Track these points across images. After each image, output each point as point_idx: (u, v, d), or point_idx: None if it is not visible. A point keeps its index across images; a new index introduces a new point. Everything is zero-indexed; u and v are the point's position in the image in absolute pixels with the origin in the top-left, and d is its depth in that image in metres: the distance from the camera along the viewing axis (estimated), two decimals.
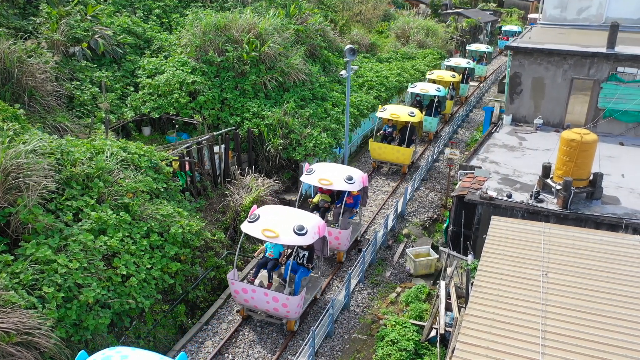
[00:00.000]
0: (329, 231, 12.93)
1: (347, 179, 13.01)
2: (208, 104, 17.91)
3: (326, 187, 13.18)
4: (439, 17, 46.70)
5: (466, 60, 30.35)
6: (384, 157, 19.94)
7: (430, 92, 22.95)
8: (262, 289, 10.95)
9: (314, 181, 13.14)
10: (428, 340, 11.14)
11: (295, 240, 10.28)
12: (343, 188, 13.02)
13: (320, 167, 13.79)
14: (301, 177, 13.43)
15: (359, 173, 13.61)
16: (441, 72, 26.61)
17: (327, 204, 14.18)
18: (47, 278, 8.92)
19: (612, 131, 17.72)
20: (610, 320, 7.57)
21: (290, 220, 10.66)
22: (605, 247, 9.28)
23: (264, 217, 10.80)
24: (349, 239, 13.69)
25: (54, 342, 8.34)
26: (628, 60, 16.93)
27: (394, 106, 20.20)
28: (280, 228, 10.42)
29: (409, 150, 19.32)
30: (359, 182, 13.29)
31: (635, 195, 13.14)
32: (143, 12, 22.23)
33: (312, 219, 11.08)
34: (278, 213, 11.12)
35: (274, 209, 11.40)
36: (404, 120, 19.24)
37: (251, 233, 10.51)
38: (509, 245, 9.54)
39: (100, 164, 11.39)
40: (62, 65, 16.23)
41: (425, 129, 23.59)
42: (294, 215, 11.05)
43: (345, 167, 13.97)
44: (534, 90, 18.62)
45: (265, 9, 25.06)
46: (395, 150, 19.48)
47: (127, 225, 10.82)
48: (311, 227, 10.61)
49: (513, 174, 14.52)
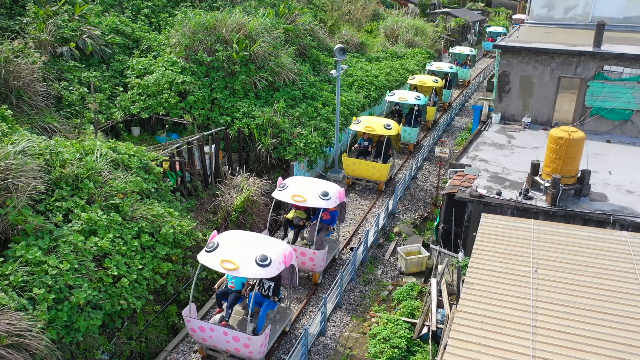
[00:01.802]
0: (302, 252, 12.40)
1: (322, 195, 12.17)
2: (198, 104, 17.86)
3: (300, 204, 12.34)
4: (428, 17, 46.93)
5: (449, 64, 29.27)
6: (358, 174, 18.47)
7: (409, 100, 21.68)
8: (221, 327, 9.94)
9: (286, 197, 12.29)
10: (420, 338, 11.22)
11: (258, 273, 9.25)
12: (318, 205, 12.13)
13: (294, 182, 12.94)
14: (273, 192, 12.62)
15: (335, 188, 12.80)
16: (423, 77, 25.66)
17: (302, 220, 13.30)
18: (37, 279, 8.84)
19: (599, 129, 17.94)
20: (599, 314, 7.67)
21: (253, 249, 9.65)
22: (594, 243, 9.40)
23: (223, 245, 9.75)
24: (324, 259, 12.82)
25: (45, 344, 8.27)
26: (614, 58, 17.15)
27: (369, 118, 18.79)
28: (240, 258, 9.39)
29: (386, 167, 17.91)
30: (335, 197, 12.49)
31: (622, 192, 13.32)
32: (131, 12, 22.08)
33: (278, 246, 10.02)
34: (240, 240, 10.04)
35: (236, 235, 10.27)
36: (380, 133, 17.81)
37: (208, 264, 9.46)
38: (499, 242, 9.63)
39: (90, 164, 11.32)
40: (50, 66, 16.09)
41: (404, 140, 22.23)
42: (258, 242, 10.02)
43: (320, 181, 13.16)
44: (522, 88, 18.79)
45: (255, 8, 25.01)
46: (370, 166, 18.04)
47: (117, 226, 10.77)
48: (276, 256, 9.60)
49: (502, 171, 14.65)
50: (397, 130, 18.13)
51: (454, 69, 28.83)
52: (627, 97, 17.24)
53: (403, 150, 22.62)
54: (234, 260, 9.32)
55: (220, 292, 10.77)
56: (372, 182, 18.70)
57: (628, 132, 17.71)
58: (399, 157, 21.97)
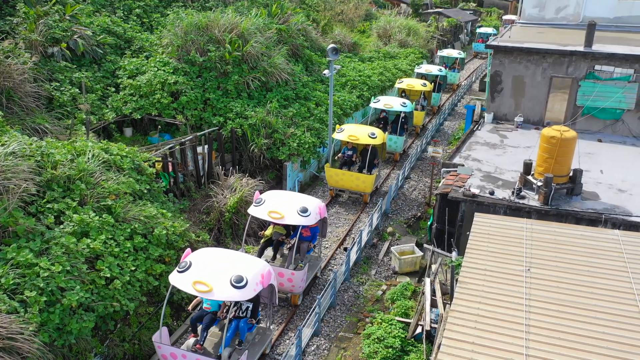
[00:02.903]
0: (280, 272, 11.65)
1: (301, 211, 11.44)
2: (190, 105, 17.79)
3: (277, 221, 11.55)
4: (420, 17, 47.06)
5: (437, 67, 28.48)
6: (342, 185, 17.55)
7: (395, 107, 20.64)
8: (194, 354, 9.36)
9: (262, 214, 11.49)
10: (414, 337, 11.23)
11: (232, 295, 8.66)
12: (296, 222, 11.40)
13: (271, 196, 12.12)
14: (249, 209, 11.86)
15: (315, 203, 12.02)
16: (411, 81, 24.86)
17: (281, 237, 12.55)
18: (28, 282, 8.76)
19: (591, 128, 18.06)
20: (591, 313, 7.72)
21: (228, 269, 9.02)
22: (586, 242, 9.46)
23: (196, 264, 9.14)
24: (304, 280, 12.04)
25: (37, 347, 8.20)
26: (605, 58, 17.27)
27: (353, 126, 17.81)
28: (214, 280, 8.78)
29: (371, 177, 16.98)
30: (315, 213, 11.73)
31: (613, 191, 13.42)
32: (123, 12, 21.97)
33: (255, 265, 9.41)
34: (215, 259, 9.43)
35: (211, 254, 9.66)
36: (364, 142, 16.89)
37: (180, 286, 8.83)
38: (492, 241, 9.66)
39: (81, 165, 11.24)
40: (40, 66, 15.97)
41: (390, 149, 21.09)
42: (233, 261, 9.40)
43: (300, 196, 12.41)
44: (514, 88, 18.88)
45: (247, 8, 24.97)
46: (354, 177, 17.10)
47: (110, 228, 10.70)
48: (252, 276, 9.00)
49: (495, 171, 14.71)
50: (383, 139, 17.35)
51: (443, 71, 28.13)
52: (618, 96, 17.37)
53: (389, 159, 21.77)
54: (207, 282, 8.71)
55: (195, 317, 10.09)
56: (356, 194, 17.87)
57: (619, 131, 17.84)
58: (385, 166, 21.06)
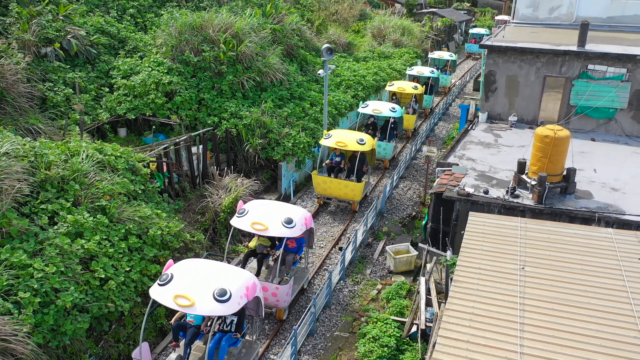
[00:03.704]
0: (264, 286, 11.01)
1: (285, 222, 10.88)
2: (185, 105, 17.75)
3: (260, 232, 10.93)
4: (415, 17, 47.13)
5: (430, 69, 27.86)
6: (330, 193, 16.90)
7: (384, 112, 20.11)
8: None
9: (245, 225, 10.92)
10: (409, 336, 11.26)
11: (215, 310, 8.22)
12: (280, 234, 10.84)
13: (255, 207, 11.51)
14: (232, 220, 11.29)
15: (300, 213, 11.47)
16: (402, 84, 24.21)
17: (266, 249, 12.11)
18: (22, 283, 8.73)
19: (584, 127, 18.15)
20: (585, 311, 7.76)
21: (211, 282, 8.58)
22: (580, 240, 9.50)
23: (178, 277, 8.63)
24: (289, 294, 11.52)
25: (31, 349, 8.17)
26: (598, 58, 17.36)
27: (340, 132, 17.19)
28: (196, 293, 8.32)
29: (359, 185, 16.40)
30: (301, 224, 11.20)
31: (607, 190, 13.49)
32: (117, 12, 21.90)
33: (239, 278, 8.93)
34: (197, 271, 8.92)
35: (194, 265, 9.14)
36: (352, 149, 16.28)
37: (160, 300, 8.34)
38: (486, 240, 9.69)
39: (75, 166, 11.19)
40: (33, 66, 15.89)
41: (379, 155, 20.45)
42: (217, 273, 8.93)
43: (285, 206, 11.89)
44: (508, 88, 18.95)
45: (242, 8, 24.94)
46: (342, 185, 16.49)
47: (104, 228, 10.67)
48: (236, 289, 8.55)
49: (489, 170, 14.76)
50: (372, 145, 16.75)
51: (435, 73, 27.59)
52: (611, 95, 17.46)
53: (378, 165, 21.10)
54: (189, 296, 8.25)
55: (177, 324, 9.66)
56: (344, 202, 17.20)
57: (612, 130, 17.94)
58: (374, 173, 20.41)
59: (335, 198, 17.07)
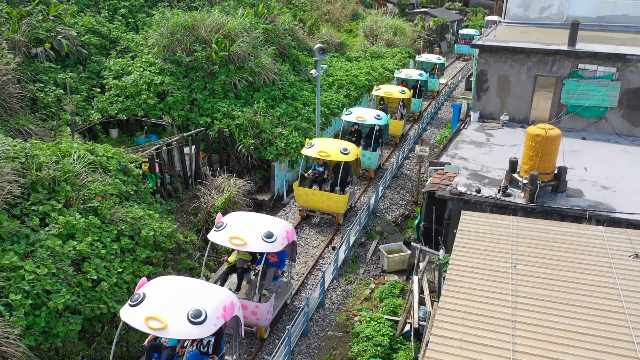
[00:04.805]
0: (243, 304, 10.35)
1: (265, 237, 10.25)
2: (177, 105, 17.70)
3: (239, 247, 10.35)
4: (407, 17, 47.22)
5: (418, 71, 26.67)
6: (312, 205, 15.92)
7: (368, 120, 19.07)
8: None
9: (223, 240, 10.33)
10: (402, 335, 11.29)
11: (190, 333, 7.69)
12: (260, 249, 10.25)
13: (234, 220, 10.83)
14: (209, 234, 10.68)
15: (281, 226, 10.86)
16: (389, 88, 23.23)
17: (246, 263, 11.39)
18: (13, 285, 8.66)
19: (575, 126, 18.27)
20: (577, 308, 7.82)
21: (186, 301, 8.04)
22: (571, 239, 9.57)
23: (150, 296, 8.09)
24: (270, 312, 10.93)
25: (23, 351, 8.11)
26: (588, 57, 17.48)
27: (323, 141, 16.17)
28: (169, 314, 7.76)
29: (343, 198, 15.45)
30: (282, 238, 10.59)
31: (597, 188, 13.59)
32: (108, 12, 21.79)
33: (216, 296, 8.41)
34: (172, 289, 8.39)
35: (168, 283, 8.58)
36: (335, 159, 15.42)
37: (131, 322, 7.78)
38: (479, 239, 9.74)
39: (66, 167, 11.13)
40: (24, 67, 15.79)
41: (364, 165, 19.22)
42: (192, 291, 8.39)
43: (266, 218, 11.21)
44: (499, 87, 19.04)
45: (234, 8, 24.89)
46: (325, 197, 15.51)
47: (96, 229, 10.61)
48: (213, 309, 8.01)
49: (481, 169, 14.83)
50: (356, 155, 15.80)
51: (424, 76, 26.59)
52: (601, 94, 17.60)
53: (363, 175, 19.95)
54: (162, 317, 7.70)
55: (152, 345, 9.12)
56: (328, 214, 16.22)
57: (602, 129, 18.08)
58: (360, 182, 19.42)
59: (319, 210, 16.14)
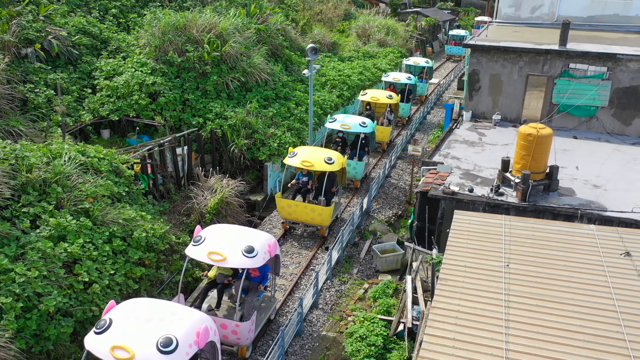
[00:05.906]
0: (223, 324, 9.97)
1: (246, 251, 9.65)
2: (169, 105, 17.62)
3: (218, 263, 9.74)
4: (399, 16, 47.33)
5: (406, 75, 25.93)
6: (295, 217, 15.07)
7: (353, 128, 18.09)
8: None
9: (202, 255, 9.72)
10: (396, 335, 11.30)
11: None
12: (240, 265, 9.67)
13: (213, 233, 10.25)
14: (186, 249, 10.14)
15: (263, 240, 10.23)
16: (376, 93, 22.27)
17: (227, 278, 10.84)
18: (4, 288, 8.58)
19: (566, 125, 18.39)
20: (569, 307, 7.85)
21: (156, 326, 7.44)
22: (563, 237, 9.61)
23: (118, 322, 7.47)
24: (252, 331, 10.31)
25: (14, 354, 8.04)
26: (579, 56, 17.60)
27: (307, 149, 15.26)
28: (137, 343, 7.15)
29: (328, 210, 14.64)
30: (264, 252, 9.95)
31: (589, 187, 13.68)
32: (99, 12, 21.66)
33: (188, 321, 7.75)
34: (142, 312, 7.74)
35: (139, 306, 7.93)
36: (319, 169, 14.63)
37: (96, 352, 7.20)
38: (471, 238, 9.76)
39: (57, 168, 11.04)
40: (14, 67, 15.66)
41: (349, 175, 18.14)
42: (164, 315, 7.74)
43: (247, 231, 10.64)
44: (491, 87, 19.12)
45: (226, 8, 24.82)
46: (309, 209, 14.70)
47: (88, 231, 10.53)
48: (183, 336, 7.41)
49: (474, 168, 14.87)
50: (342, 164, 15.10)
51: (412, 79, 25.74)
52: (592, 94, 17.72)
53: (349, 185, 18.93)
54: (129, 347, 7.08)
55: None
56: (312, 227, 15.52)
57: (594, 128, 18.20)
58: (345, 192, 18.47)
59: (302, 223, 15.35)
